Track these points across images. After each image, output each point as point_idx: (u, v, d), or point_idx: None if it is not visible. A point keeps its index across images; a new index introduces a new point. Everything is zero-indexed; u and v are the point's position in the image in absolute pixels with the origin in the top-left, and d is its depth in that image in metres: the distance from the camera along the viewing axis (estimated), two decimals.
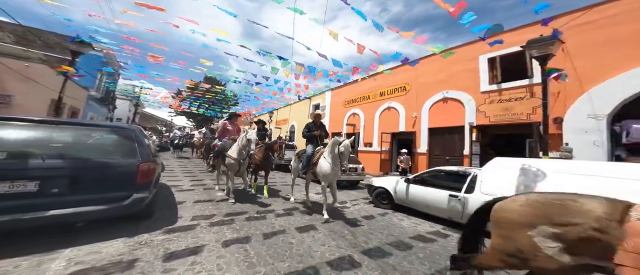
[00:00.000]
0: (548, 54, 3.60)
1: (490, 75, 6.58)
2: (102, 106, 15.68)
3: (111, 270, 1.66)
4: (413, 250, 2.54)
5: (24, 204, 1.83)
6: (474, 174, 3.37)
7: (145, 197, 2.41)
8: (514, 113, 5.91)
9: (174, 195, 4.03)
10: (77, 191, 2.04)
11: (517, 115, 5.85)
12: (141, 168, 2.39)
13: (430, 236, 3.02)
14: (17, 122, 2.10)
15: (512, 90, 6.04)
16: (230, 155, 3.83)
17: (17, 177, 1.83)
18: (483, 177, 3.21)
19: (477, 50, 6.81)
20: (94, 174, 2.15)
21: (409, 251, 2.50)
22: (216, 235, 2.48)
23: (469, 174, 3.45)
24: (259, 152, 4.60)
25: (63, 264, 1.71)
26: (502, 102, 6.17)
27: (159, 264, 1.85)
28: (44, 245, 1.93)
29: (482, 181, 3.19)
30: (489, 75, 6.58)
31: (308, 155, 3.77)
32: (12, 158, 1.90)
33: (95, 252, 1.92)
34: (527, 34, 4.65)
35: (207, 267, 1.87)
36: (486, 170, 3.28)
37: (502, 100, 6.18)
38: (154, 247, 2.11)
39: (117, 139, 2.51)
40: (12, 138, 2.03)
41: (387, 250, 2.47)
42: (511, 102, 5.99)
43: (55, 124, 2.34)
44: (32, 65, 8.35)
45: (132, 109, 22.88)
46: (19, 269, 1.63)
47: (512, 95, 6.02)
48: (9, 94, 7.48)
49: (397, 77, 9.23)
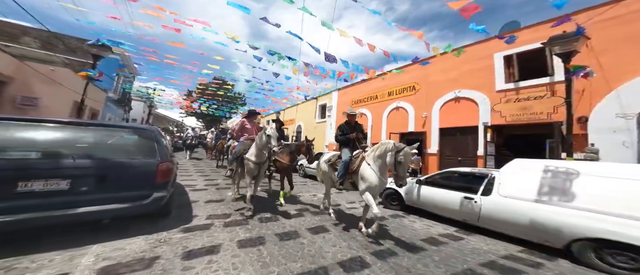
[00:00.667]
0: (572, 51, 3.41)
1: (506, 74, 6.33)
2: (118, 107, 16.40)
3: (136, 267, 1.74)
4: (427, 252, 2.50)
5: (57, 201, 1.94)
6: (492, 176, 3.26)
7: (164, 196, 2.50)
8: (533, 112, 5.65)
9: (188, 195, 4.16)
10: (103, 190, 2.15)
11: (536, 115, 5.60)
12: (160, 168, 2.48)
13: (444, 239, 2.95)
14: (49, 123, 2.24)
15: (531, 89, 5.77)
16: (250, 159, 3.30)
17: (51, 176, 1.94)
18: (502, 179, 3.11)
19: (492, 48, 6.57)
20: (118, 173, 2.26)
21: (423, 253, 2.46)
22: (230, 235, 2.54)
23: (485, 175, 3.35)
24: (285, 156, 4.12)
25: (92, 260, 1.81)
26: (519, 101, 5.92)
27: (178, 261, 1.91)
28: (74, 241, 2.05)
29: (500, 183, 3.08)
30: (505, 74, 6.33)
31: (345, 162, 3.14)
32: (46, 158, 2.02)
33: (120, 249, 2.02)
34: (545, 30, 4.43)
35: (223, 266, 1.92)
36: (505, 172, 3.17)
37: (519, 99, 5.93)
38: (173, 245, 2.19)
39: (138, 139, 2.62)
40: (46, 138, 2.16)
41: (399, 252, 2.44)
42: (530, 101, 5.73)
43: (83, 126, 2.47)
44: (56, 69, 8.85)
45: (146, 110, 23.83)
46: (53, 262, 1.74)
47: (531, 93, 5.75)
48: (37, 96, 7.96)
49: (406, 77, 9.07)
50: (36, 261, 1.74)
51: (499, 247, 2.79)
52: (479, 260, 2.38)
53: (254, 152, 3.32)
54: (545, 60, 5.58)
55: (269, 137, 3.10)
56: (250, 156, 3.33)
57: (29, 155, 1.96)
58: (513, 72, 6.19)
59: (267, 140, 3.12)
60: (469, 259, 2.40)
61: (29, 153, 1.98)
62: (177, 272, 1.76)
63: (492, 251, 2.67)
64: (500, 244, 2.90)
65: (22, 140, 2.06)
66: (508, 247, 2.80)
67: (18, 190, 1.82)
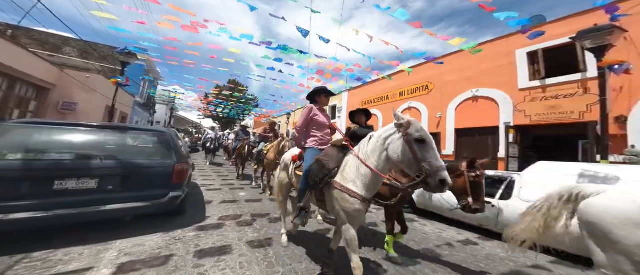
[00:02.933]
0: (606, 45, 3.08)
1: (530, 71, 5.86)
2: (144, 111, 17.68)
3: (153, 264, 1.88)
4: (440, 257, 2.41)
5: (87, 199, 2.15)
6: (511, 179, 3.07)
7: (180, 195, 2.65)
8: (563, 111, 5.19)
9: (203, 194, 4.36)
10: (126, 189, 2.34)
11: (566, 114, 5.13)
12: (176, 168, 2.64)
13: (458, 244, 2.83)
14: (79, 127, 2.49)
15: (560, 86, 5.30)
16: (352, 194, 1.45)
17: (82, 175, 2.16)
18: (523, 183, 2.91)
19: (513, 44, 6.15)
20: (139, 174, 2.44)
21: (436, 258, 2.37)
22: (239, 235, 2.63)
23: (505, 178, 3.17)
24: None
25: (115, 254, 1.98)
26: (546, 100, 5.46)
27: (190, 259, 2.03)
28: (100, 237, 2.26)
29: (521, 187, 2.89)
30: (529, 71, 5.87)
31: None
32: (78, 158, 2.25)
33: (139, 245, 2.18)
34: (574, 24, 4.05)
35: (231, 265, 2.00)
36: (527, 175, 2.97)
37: (546, 98, 5.47)
38: (186, 243, 2.32)
39: (156, 141, 2.81)
40: (77, 141, 2.41)
41: (411, 256, 2.38)
42: (559, 99, 5.27)
43: (107, 129, 2.70)
44: (91, 76, 9.76)
45: (168, 113, 25.48)
46: (82, 256, 1.93)
47: (559, 91, 5.28)
48: (75, 101, 8.84)
49: (419, 76, 8.78)
50: (68, 254, 1.94)
51: (520, 255, 2.61)
52: (500, 269, 2.25)
53: (365, 181, 1.54)
54: (575, 56, 5.09)
55: None
56: (354, 188, 1.54)
57: (63, 156, 2.19)
58: (539, 69, 5.72)
59: None
60: (482, 265, 2.28)
61: (63, 154, 2.20)
62: (188, 269, 1.87)
63: (511, 259, 2.50)
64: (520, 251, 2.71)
65: (58, 142, 2.30)
66: (529, 255, 2.60)
67: (55, 188, 2.03)
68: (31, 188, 1.97)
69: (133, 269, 1.80)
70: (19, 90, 7.42)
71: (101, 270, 1.75)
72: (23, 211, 1.86)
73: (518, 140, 5.90)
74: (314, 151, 1.95)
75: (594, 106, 4.65)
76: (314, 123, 2.10)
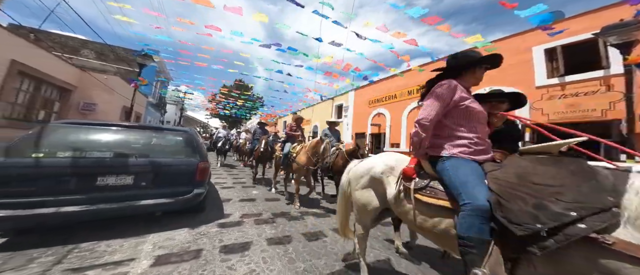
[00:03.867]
0: (632, 41, 2.97)
1: (548, 68, 5.69)
2: (156, 111, 18.24)
3: (185, 258, 2.00)
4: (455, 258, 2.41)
5: (125, 194, 2.31)
6: None
7: (203, 192, 2.78)
8: (584, 110, 5.01)
9: (218, 192, 4.51)
10: (157, 185, 2.49)
11: (587, 112, 4.96)
12: (200, 166, 2.76)
13: None
14: (113, 127, 2.66)
15: (581, 84, 5.12)
16: None
17: (121, 172, 2.31)
18: None
19: (529, 41, 5.98)
20: (167, 171, 2.58)
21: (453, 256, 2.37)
22: (258, 231, 2.72)
23: None
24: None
25: (150, 248, 2.12)
26: (566, 98, 5.29)
27: (217, 254, 2.13)
28: (135, 231, 2.41)
29: None
30: (547, 68, 5.69)
31: None
32: (117, 156, 2.40)
33: (170, 239, 2.32)
34: (594, 20, 3.89)
35: (255, 260, 2.09)
36: None
37: (566, 95, 5.30)
38: (211, 238, 2.43)
39: (181, 140, 2.94)
40: (115, 139, 2.57)
41: (432, 253, 2.40)
42: (579, 97, 5.09)
43: (139, 128, 2.87)
44: (108, 77, 10.16)
45: (177, 112, 26.18)
46: (123, 248, 2.09)
47: (580, 89, 5.10)
48: (95, 102, 9.24)
49: (428, 75, 8.66)
50: (110, 246, 2.10)
51: None
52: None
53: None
54: (597, 52, 4.91)
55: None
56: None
57: (104, 154, 2.35)
58: (557, 66, 5.54)
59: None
60: None
61: (103, 152, 2.37)
62: (217, 263, 1.98)
63: None
64: None
65: (97, 141, 2.47)
66: None
67: (98, 184, 2.20)
68: (78, 184, 2.13)
69: (169, 261, 1.92)
70: (44, 92, 7.83)
71: (142, 261, 1.88)
72: (72, 205, 2.03)
73: (534, 139, 5.75)
74: (466, 164, 1.12)
75: (617, 104, 4.48)
76: (461, 113, 1.23)
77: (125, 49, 14.48)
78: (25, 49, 6.45)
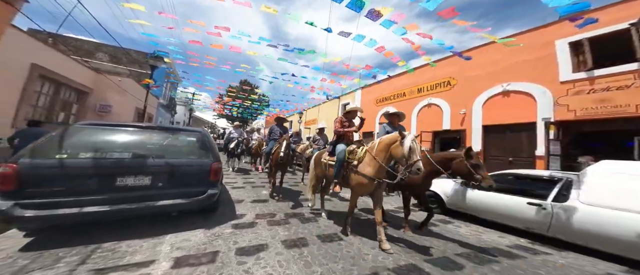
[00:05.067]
0: None
1: (574, 62, 5.34)
2: (167, 112, 18.70)
3: (203, 260, 1.98)
4: (489, 263, 2.28)
5: (143, 194, 2.31)
6: (567, 180, 2.83)
7: (216, 193, 2.75)
8: (616, 105, 4.67)
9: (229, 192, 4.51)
10: (173, 186, 2.48)
11: (620, 108, 4.61)
12: (213, 167, 2.73)
13: (509, 249, 2.69)
14: (130, 127, 2.67)
15: (611, 78, 4.77)
16: None
17: (139, 173, 2.32)
18: (585, 184, 2.65)
19: (551, 34, 5.66)
20: (182, 171, 2.57)
21: (485, 264, 2.25)
22: (271, 233, 2.68)
23: (559, 179, 2.92)
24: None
25: (168, 249, 2.11)
26: (595, 92, 4.94)
27: (233, 256, 2.09)
28: (153, 231, 2.42)
29: (582, 189, 2.64)
30: (573, 62, 5.34)
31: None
32: (135, 157, 2.41)
33: (187, 240, 2.31)
34: (624, 10, 3.57)
35: (271, 263, 2.03)
36: (589, 176, 2.70)
37: (595, 90, 4.95)
38: (226, 240, 2.40)
39: (195, 140, 2.93)
40: (133, 140, 2.58)
41: (454, 259, 2.30)
42: (611, 91, 4.74)
43: (153, 129, 2.86)
44: (122, 79, 10.46)
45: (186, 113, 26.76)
46: (143, 248, 2.09)
47: (611, 83, 4.75)
48: (110, 104, 9.52)
49: (439, 72, 8.43)
50: (131, 246, 2.11)
51: (584, 262, 2.42)
52: None
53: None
54: (629, 44, 4.55)
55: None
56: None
57: (123, 155, 2.36)
58: (584, 59, 5.19)
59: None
60: (543, 273, 2.14)
61: (122, 153, 2.37)
62: (233, 266, 1.93)
63: (574, 266, 2.33)
64: (585, 259, 2.51)
65: (116, 142, 2.49)
66: (596, 263, 2.41)
67: (117, 184, 2.21)
68: (99, 184, 2.15)
69: (187, 263, 1.90)
70: (63, 95, 8.13)
71: (161, 263, 1.88)
72: (94, 205, 2.05)
73: (559, 137, 5.42)
74: None
75: None
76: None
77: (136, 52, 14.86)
78: (45, 53, 6.69)
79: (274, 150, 4.37)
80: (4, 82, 5.44)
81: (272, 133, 4.90)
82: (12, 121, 5.85)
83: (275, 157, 4.20)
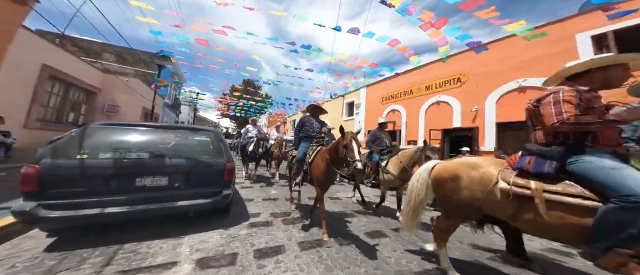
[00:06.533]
0: None
1: None
2: (172, 111, 18.83)
3: (223, 262, 1.94)
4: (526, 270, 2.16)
5: (161, 195, 2.29)
6: None
7: (230, 193, 2.71)
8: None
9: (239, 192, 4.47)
10: (189, 186, 2.45)
11: None
12: (227, 166, 2.69)
13: (543, 253, 2.60)
14: (145, 127, 2.63)
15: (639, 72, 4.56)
16: None
17: (157, 173, 2.30)
18: None
19: (571, 28, 5.46)
20: (198, 172, 2.53)
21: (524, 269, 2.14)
22: (287, 234, 2.63)
23: None
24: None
25: (188, 251, 2.08)
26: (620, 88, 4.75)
27: (251, 258, 2.05)
28: (171, 232, 2.39)
29: None
30: None
31: None
32: (152, 157, 2.37)
33: (205, 241, 2.28)
34: None
35: (291, 267, 1.98)
36: None
37: None
38: (242, 241, 2.36)
39: (209, 140, 2.89)
40: (148, 140, 2.54)
41: (486, 264, 2.20)
42: None
43: (167, 129, 2.82)
44: (129, 79, 10.53)
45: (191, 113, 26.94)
46: (163, 250, 2.07)
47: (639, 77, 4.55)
48: (118, 104, 9.59)
49: (449, 68, 8.29)
50: (151, 248, 2.09)
51: None
52: None
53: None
54: None
55: None
56: None
57: (141, 155, 2.33)
58: (609, 53, 4.99)
59: None
60: None
61: (140, 153, 2.35)
62: (253, 269, 1.89)
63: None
64: None
65: (133, 142, 2.45)
66: None
67: (136, 185, 2.19)
68: (120, 184, 2.13)
69: (209, 266, 1.87)
70: (72, 95, 8.21)
71: (183, 265, 1.85)
72: (115, 206, 2.03)
73: None
74: None
75: None
76: None
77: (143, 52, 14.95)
78: (54, 54, 6.74)
79: (312, 157, 2.87)
80: (17, 83, 5.49)
81: (304, 128, 3.28)
82: (25, 121, 5.91)
83: (318, 172, 2.71)
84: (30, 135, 5.94)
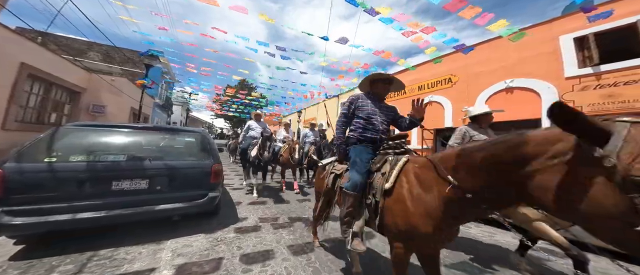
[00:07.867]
0: None
1: (579, 57, 5.31)
2: (163, 112, 18.37)
3: (206, 268, 1.86)
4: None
5: (140, 199, 2.19)
6: None
7: (217, 195, 2.62)
8: (624, 100, 4.64)
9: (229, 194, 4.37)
10: (171, 189, 2.36)
11: (629, 103, 4.60)
12: (214, 169, 2.61)
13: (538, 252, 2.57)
14: (125, 128, 2.52)
15: (619, 73, 4.74)
16: None
17: (135, 176, 2.20)
18: None
19: (554, 30, 5.64)
20: (182, 174, 2.44)
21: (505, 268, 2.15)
22: (276, 237, 2.57)
23: None
24: None
25: (169, 255, 1.99)
26: (602, 88, 4.92)
27: (237, 262, 1.98)
28: (152, 237, 2.29)
29: None
30: (578, 57, 5.32)
31: None
32: (130, 159, 2.27)
33: (188, 245, 2.19)
34: (632, 4, 3.51)
35: (278, 271, 1.93)
36: None
37: (602, 86, 4.92)
38: (229, 244, 2.29)
39: (194, 142, 2.80)
40: (126, 142, 2.43)
41: (475, 265, 2.20)
42: (618, 87, 4.71)
43: (149, 130, 2.71)
44: (115, 79, 10.18)
45: (183, 113, 26.39)
46: (142, 255, 1.97)
47: (619, 78, 4.72)
48: (104, 104, 9.25)
49: (440, 69, 8.44)
50: (129, 253, 1.99)
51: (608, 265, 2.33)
52: None
53: None
54: (637, 38, 4.52)
55: None
56: None
57: (118, 158, 2.23)
58: (590, 54, 5.15)
59: None
60: None
61: (117, 155, 2.24)
62: (238, 274, 1.82)
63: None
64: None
65: (110, 143, 2.35)
66: None
67: (113, 189, 2.09)
68: (93, 188, 2.03)
69: (190, 271, 1.79)
70: (54, 95, 7.86)
71: (162, 271, 1.77)
72: (89, 211, 1.93)
73: None
74: None
75: None
76: None
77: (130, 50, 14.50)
78: (34, 52, 6.43)
79: (391, 182, 1.34)
80: None
81: (359, 122, 1.95)
82: (2, 122, 5.61)
83: (417, 218, 1.16)
84: (9, 136, 5.65)
